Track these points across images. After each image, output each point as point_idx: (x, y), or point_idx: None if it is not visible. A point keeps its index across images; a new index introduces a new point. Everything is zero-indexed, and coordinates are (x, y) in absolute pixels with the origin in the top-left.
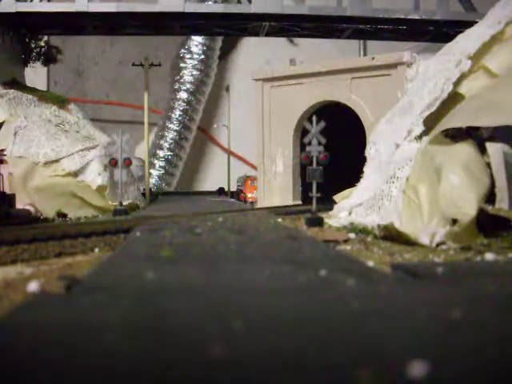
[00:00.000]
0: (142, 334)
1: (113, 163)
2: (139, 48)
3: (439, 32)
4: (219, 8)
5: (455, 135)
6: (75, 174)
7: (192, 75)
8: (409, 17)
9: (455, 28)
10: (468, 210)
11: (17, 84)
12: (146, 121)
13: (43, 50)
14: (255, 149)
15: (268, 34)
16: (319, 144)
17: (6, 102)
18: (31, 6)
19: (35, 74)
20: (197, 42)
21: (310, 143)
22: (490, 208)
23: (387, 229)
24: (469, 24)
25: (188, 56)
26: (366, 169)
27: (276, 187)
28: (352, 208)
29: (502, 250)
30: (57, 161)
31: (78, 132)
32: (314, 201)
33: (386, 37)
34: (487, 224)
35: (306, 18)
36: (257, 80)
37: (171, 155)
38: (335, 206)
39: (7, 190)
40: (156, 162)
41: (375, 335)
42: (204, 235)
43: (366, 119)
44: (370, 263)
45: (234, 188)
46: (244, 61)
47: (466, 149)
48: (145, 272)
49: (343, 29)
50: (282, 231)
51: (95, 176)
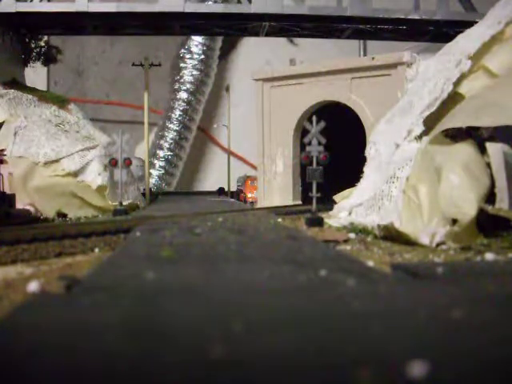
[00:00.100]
0: (141, 335)
1: (113, 163)
2: (139, 48)
3: (439, 32)
4: (219, 8)
5: (455, 135)
6: (75, 174)
7: (192, 75)
8: (409, 17)
9: (455, 28)
10: (468, 210)
11: (17, 84)
12: (145, 121)
13: (43, 50)
14: (255, 149)
15: (268, 34)
16: (319, 144)
17: (5, 102)
18: (31, 6)
19: (35, 74)
20: (197, 42)
21: (310, 143)
22: (490, 208)
23: (387, 229)
24: (469, 24)
25: (188, 56)
26: (366, 169)
27: (276, 187)
28: (352, 208)
29: (501, 250)
30: (57, 161)
31: (78, 132)
32: (314, 201)
33: (386, 37)
34: (487, 224)
35: (306, 17)
36: (257, 80)
37: (171, 155)
38: (335, 206)
39: (7, 190)
40: (156, 162)
41: (375, 335)
42: (204, 235)
43: (366, 119)
44: (370, 263)
45: (234, 188)
46: (244, 61)
47: (466, 149)
48: (145, 272)
49: (343, 29)
50: (281, 231)
51: (95, 176)
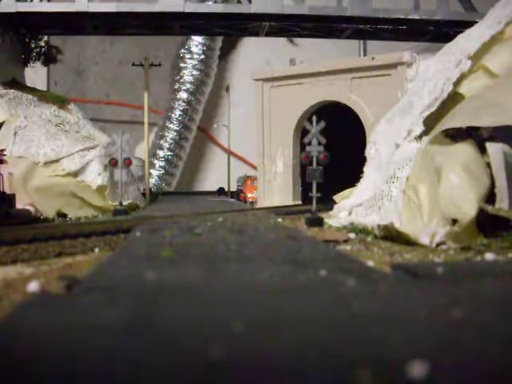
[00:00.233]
0: (141, 335)
1: (113, 163)
2: (139, 48)
3: (439, 32)
4: (219, 8)
5: (455, 135)
6: (75, 174)
7: (192, 75)
8: (409, 17)
9: (455, 28)
10: (468, 210)
11: (17, 84)
12: (145, 121)
13: (43, 50)
14: (255, 149)
15: (268, 34)
16: (319, 144)
17: (5, 101)
18: (31, 6)
19: (35, 74)
20: (197, 42)
21: (310, 143)
22: (490, 208)
23: (387, 229)
24: (469, 24)
25: (188, 56)
26: (366, 169)
27: (276, 187)
28: (352, 208)
29: (502, 250)
30: (57, 161)
31: (78, 132)
32: (314, 201)
33: (386, 37)
34: (487, 224)
35: (306, 17)
36: (257, 80)
37: (171, 155)
38: (335, 206)
39: (7, 190)
40: (156, 162)
41: (375, 335)
42: (204, 235)
43: (366, 119)
44: (370, 263)
45: (234, 188)
46: (244, 61)
47: (466, 149)
48: (145, 272)
49: (343, 29)
50: (281, 231)
51: (95, 176)
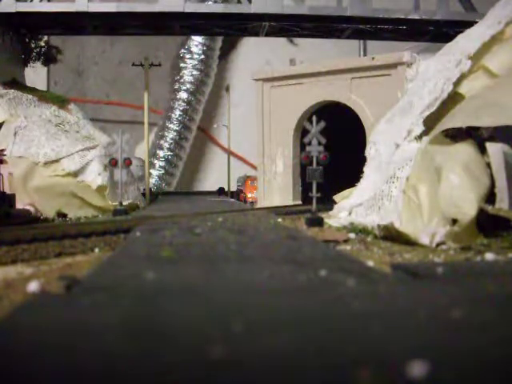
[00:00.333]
0: (141, 335)
1: (113, 163)
2: (139, 48)
3: (439, 32)
4: (219, 8)
5: (455, 135)
6: (75, 174)
7: (192, 75)
8: (409, 17)
9: (455, 28)
10: (468, 210)
11: (17, 84)
12: (145, 121)
13: (43, 50)
14: (255, 149)
15: (268, 34)
16: (319, 144)
17: (5, 101)
18: (31, 6)
19: (35, 74)
20: (197, 42)
21: (310, 143)
22: (490, 208)
23: (387, 229)
24: (469, 24)
25: (188, 56)
26: (366, 169)
27: (276, 187)
28: (352, 208)
29: (502, 250)
30: (57, 161)
31: (77, 132)
32: (314, 201)
33: (386, 37)
34: (487, 224)
35: (306, 17)
36: (257, 80)
37: (171, 155)
38: (335, 206)
39: (7, 190)
40: (156, 162)
41: (375, 335)
42: (204, 235)
43: (366, 119)
44: (370, 263)
45: (234, 188)
46: (244, 61)
47: (466, 149)
48: (145, 272)
49: (343, 29)
50: (281, 231)
51: (95, 176)
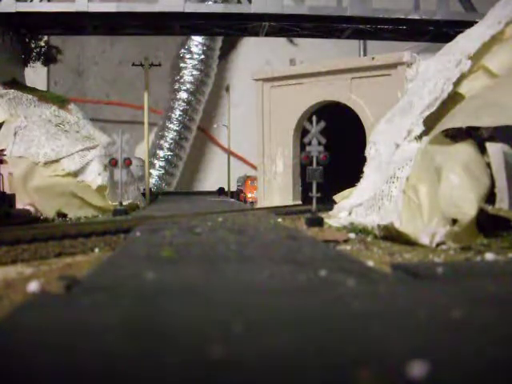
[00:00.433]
0: (141, 335)
1: (113, 163)
2: (139, 48)
3: (439, 32)
4: (219, 8)
5: (455, 135)
6: (75, 174)
7: (192, 75)
8: (409, 17)
9: (455, 28)
10: (468, 210)
11: (17, 84)
12: (145, 121)
13: (43, 50)
14: (255, 149)
15: (268, 34)
16: (319, 144)
17: (5, 101)
18: (31, 6)
19: (35, 74)
20: (197, 42)
21: (310, 143)
22: (490, 208)
23: (387, 229)
24: (469, 24)
25: (188, 56)
26: (366, 169)
27: (276, 187)
28: (352, 208)
29: (502, 250)
30: (57, 161)
31: (77, 132)
32: (314, 201)
33: (386, 37)
34: (487, 224)
35: (306, 17)
36: (257, 80)
37: (171, 155)
38: (335, 206)
39: (7, 190)
40: (156, 162)
41: (375, 335)
42: (204, 235)
43: (366, 119)
44: (370, 263)
45: (234, 188)
46: (244, 61)
47: (466, 149)
48: (145, 272)
49: (343, 29)
50: (281, 231)
51: (95, 176)
